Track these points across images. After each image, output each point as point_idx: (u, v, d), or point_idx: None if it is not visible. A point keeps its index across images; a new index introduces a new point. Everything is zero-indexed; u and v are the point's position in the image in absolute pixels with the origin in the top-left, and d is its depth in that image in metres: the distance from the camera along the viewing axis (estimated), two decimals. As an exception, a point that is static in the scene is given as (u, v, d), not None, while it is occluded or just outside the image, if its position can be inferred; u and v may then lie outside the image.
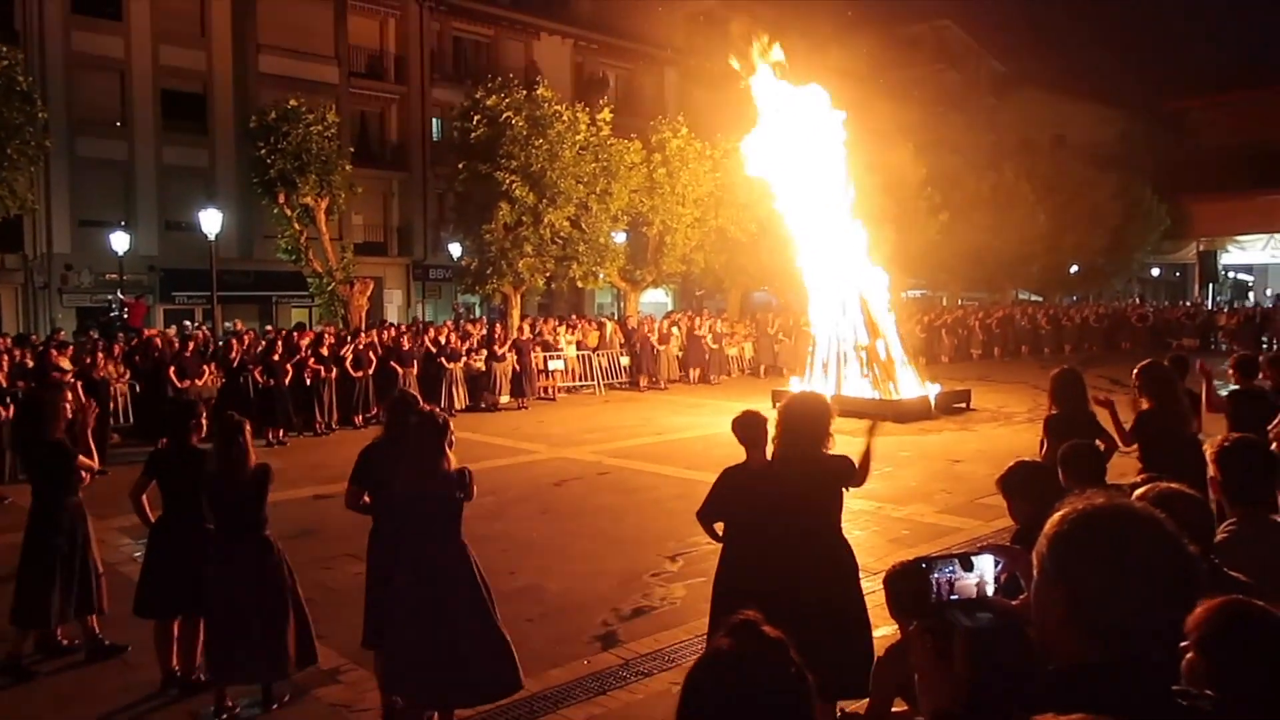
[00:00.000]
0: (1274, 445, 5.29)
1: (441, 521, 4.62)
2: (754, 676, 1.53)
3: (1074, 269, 37.67)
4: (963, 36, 43.11)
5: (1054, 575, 1.50)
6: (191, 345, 16.05)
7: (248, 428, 5.34)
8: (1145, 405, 5.79)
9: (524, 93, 22.82)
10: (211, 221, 20.74)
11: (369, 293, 23.00)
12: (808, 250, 17.78)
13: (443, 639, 4.52)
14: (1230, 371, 7.50)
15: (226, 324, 23.26)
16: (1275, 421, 6.15)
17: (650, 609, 6.78)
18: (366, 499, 5.13)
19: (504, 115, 22.09)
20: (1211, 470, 3.20)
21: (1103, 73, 35.58)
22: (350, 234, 28.59)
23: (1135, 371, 6.10)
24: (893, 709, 3.55)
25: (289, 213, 21.77)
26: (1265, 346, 26.09)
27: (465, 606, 4.59)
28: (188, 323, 24.30)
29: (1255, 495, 3.08)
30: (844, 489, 4.75)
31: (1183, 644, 1.67)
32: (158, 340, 16.93)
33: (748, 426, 4.89)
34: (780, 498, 4.51)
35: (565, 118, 22.72)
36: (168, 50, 27.91)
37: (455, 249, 27.93)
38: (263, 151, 21.40)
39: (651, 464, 12.23)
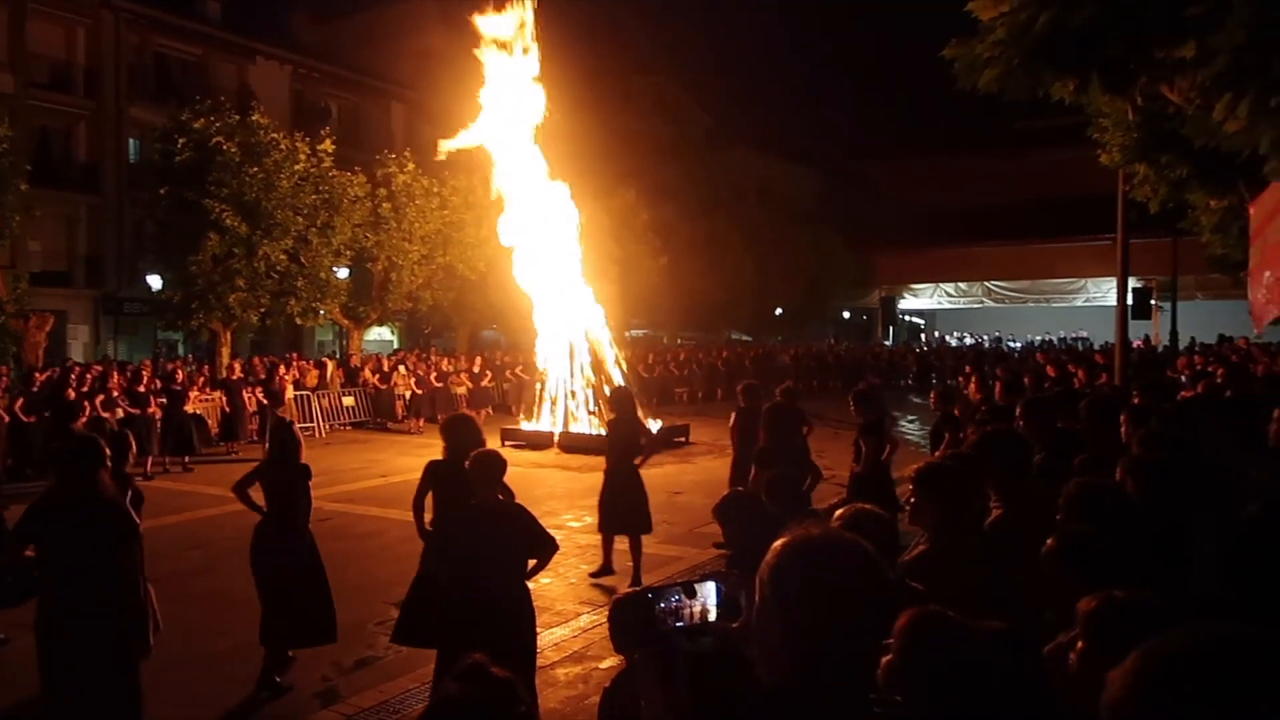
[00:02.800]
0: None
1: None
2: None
3: (779, 312, 40.99)
4: (677, 91, 45.93)
5: (772, 603, 1.61)
6: None
7: None
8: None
9: (237, 117, 21.45)
10: None
11: (48, 328, 20.44)
12: (536, 290, 18.03)
13: None
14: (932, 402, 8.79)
15: None
16: (944, 444, 7.04)
17: (375, 659, 6.49)
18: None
19: (214, 139, 20.62)
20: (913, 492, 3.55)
21: (801, 132, 39.24)
22: (25, 262, 25.25)
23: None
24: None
25: (-54, 235, 18.92)
26: (934, 380, 29.64)
27: None
28: None
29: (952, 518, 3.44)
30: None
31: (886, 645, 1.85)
32: None
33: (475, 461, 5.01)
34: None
35: (283, 146, 21.59)
36: None
37: (156, 281, 25.50)
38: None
39: (377, 508, 11.76)
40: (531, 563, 4.91)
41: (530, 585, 7.84)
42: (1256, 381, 9.48)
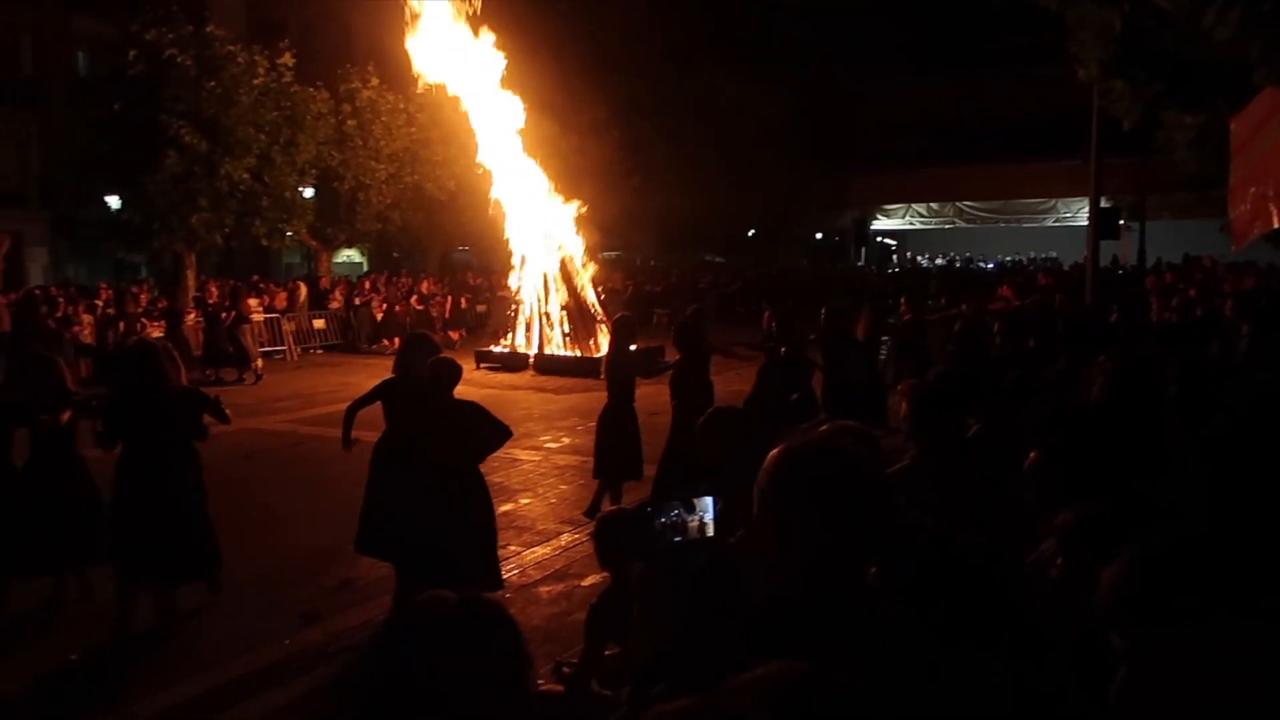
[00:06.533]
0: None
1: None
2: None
3: (751, 233, 40.80)
4: (645, 6, 44.73)
5: (771, 510, 1.60)
6: None
7: None
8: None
9: (191, 29, 20.59)
10: None
11: (5, 250, 19.91)
12: (508, 211, 17.77)
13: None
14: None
15: None
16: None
17: (355, 580, 6.53)
18: None
19: (167, 52, 19.82)
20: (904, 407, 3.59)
21: (775, 50, 38.40)
22: (-25, 182, 24.46)
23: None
24: (605, 653, 3.68)
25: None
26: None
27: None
28: None
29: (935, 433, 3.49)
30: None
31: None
32: None
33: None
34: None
35: (241, 59, 20.83)
36: None
37: (114, 201, 24.79)
38: None
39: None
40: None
41: (510, 505, 8.02)
42: (1225, 300, 9.64)
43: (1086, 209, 18.18)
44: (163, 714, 4.71)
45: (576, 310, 17.62)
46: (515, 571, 6.68)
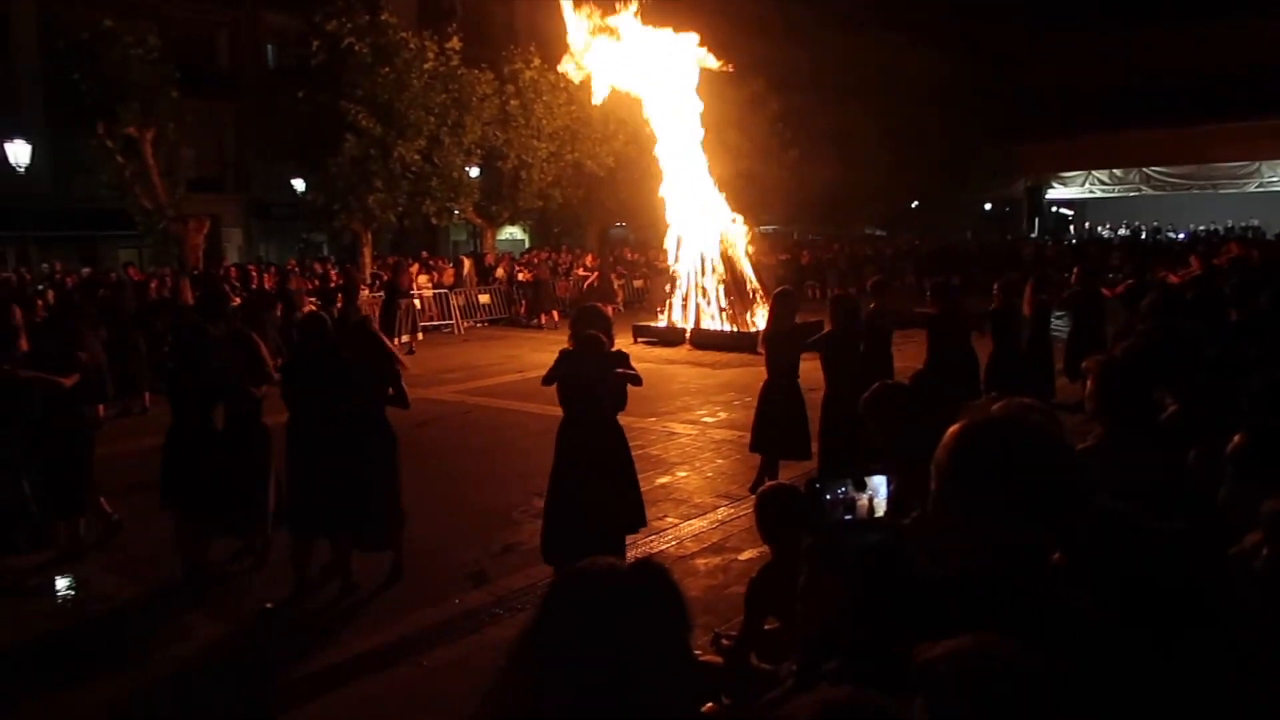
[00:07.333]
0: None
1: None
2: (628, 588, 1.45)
3: (914, 205, 39.32)
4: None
5: (949, 488, 1.53)
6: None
7: None
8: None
9: (366, 18, 21.65)
10: (19, 153, 18.92)
11: (205, 231, 21.60)
12: (667, 186, 17.83)
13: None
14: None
15: (43, 265, 21.40)
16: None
17: (520, 545, 6.75)
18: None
19: (345, 41, 20.93)
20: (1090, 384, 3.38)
21: (942, 11, 36.66)
22: (181, 168, 26.58)
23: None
24: (765, 627, 3.66)
25: (110, 144, 20.03)
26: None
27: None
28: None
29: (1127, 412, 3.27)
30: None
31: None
32: None
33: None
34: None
35: (412, 45, 21.75)
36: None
37: (299, 184, 26.50)
38: (75, 77, 19.52)
39: (516, 401, 12.11)
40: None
41: (667, 478, 8.07)
42: None
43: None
44: (344, 663, 5.02)
45: (734, 285, 17.52)
46: (672, 543, 6.74)
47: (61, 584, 6.38)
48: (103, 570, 6.54)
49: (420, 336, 18.35)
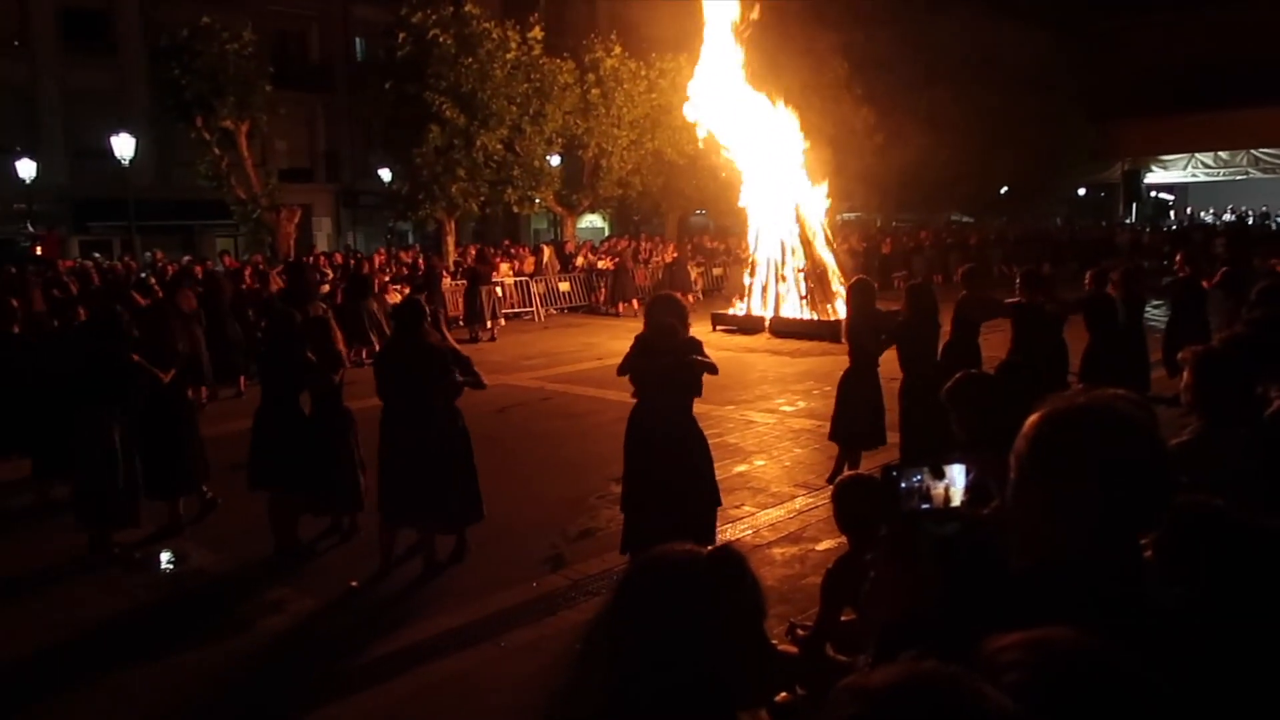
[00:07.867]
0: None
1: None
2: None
3: (1004, 190, 38.12)
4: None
5: (1032, 476, 1.49)
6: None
7: None
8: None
9: (451, 9, 21.99)
10: (124, 147, 19.81)
11: (296, 220, 22.29)
12: (747, 174, 17.68)
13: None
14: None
15: (146, 254, 22.37)
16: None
17: (596, 530, 6.82)
18: None
19: (431, 33, 21.30)
20: (1187, 376, 3.26)
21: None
22: (274, 159, 27.52)
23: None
24: (841, 618, 3.62)
25: (207, 136, 20.82)
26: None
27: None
28: (96, 255, 23.25)
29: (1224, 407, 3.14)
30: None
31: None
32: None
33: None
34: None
35: (495, 36, 22.01)
36: (65, -36, 26.19)
37: (385, 174, 27.12)
38: (176, 72, 20.33)
39: (593, 388, 12.19)
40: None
41: (744, 466, 8.02)
42: None
43: None
44: (425, 641, 5.15)
45: (814, 273, 17.31)
46: (749, 532, 6.72)
47: (163, 558, 6.68)
48: (200, 546, 6.84)
49: (502, 323, 18.62)
